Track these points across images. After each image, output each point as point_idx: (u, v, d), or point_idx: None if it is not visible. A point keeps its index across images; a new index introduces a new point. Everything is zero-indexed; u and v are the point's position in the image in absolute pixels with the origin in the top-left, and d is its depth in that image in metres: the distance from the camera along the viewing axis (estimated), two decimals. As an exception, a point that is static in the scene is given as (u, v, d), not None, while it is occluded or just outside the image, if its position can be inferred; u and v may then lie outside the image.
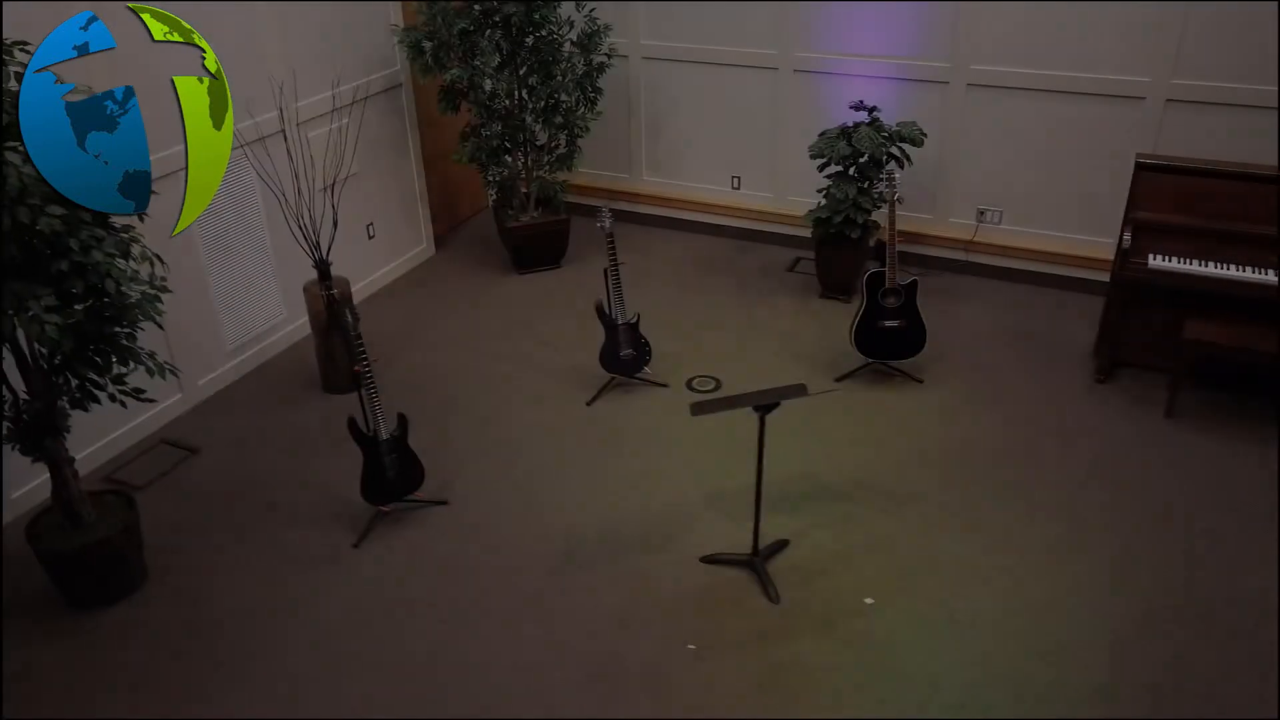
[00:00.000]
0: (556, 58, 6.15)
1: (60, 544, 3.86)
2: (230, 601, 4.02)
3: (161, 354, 4.94)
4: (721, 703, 3.52)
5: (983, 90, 6.02)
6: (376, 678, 3.65)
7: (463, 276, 6.69)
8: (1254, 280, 4.76)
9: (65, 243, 3.21)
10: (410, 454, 4.38)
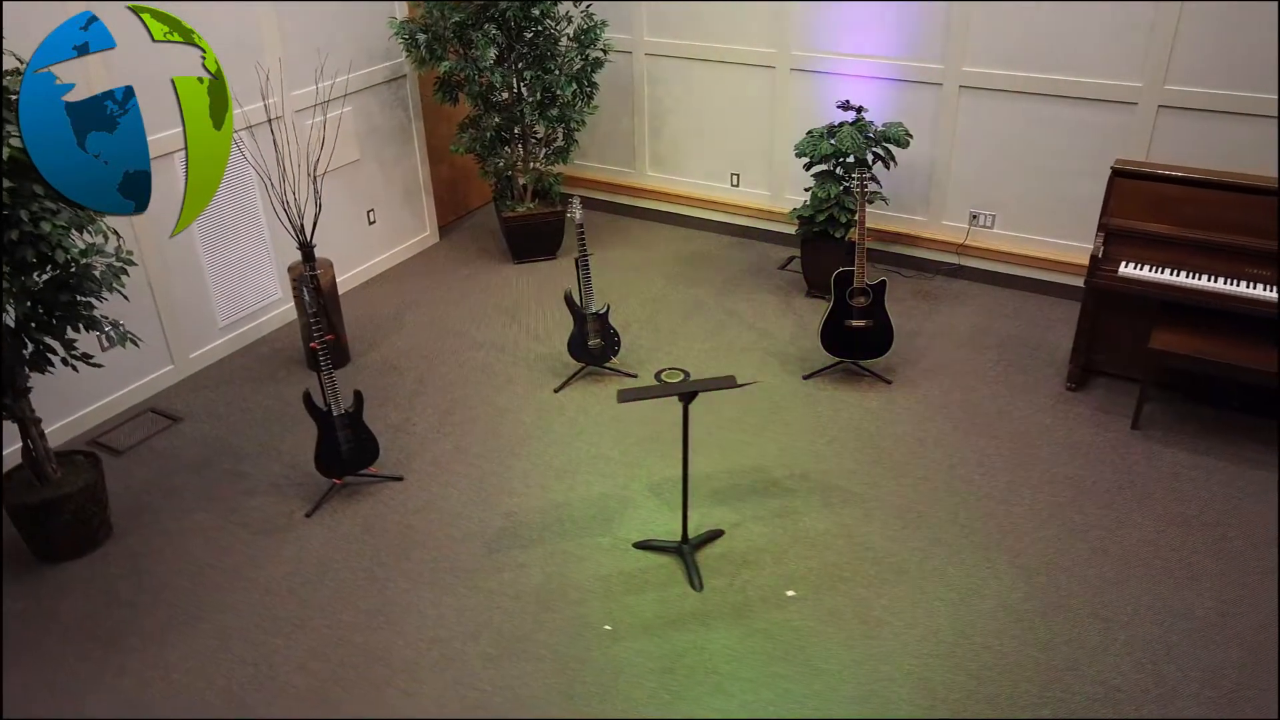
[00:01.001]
0: (553, 52, 6.28)
1: (26, 498, 4.11)
2: (184, 561, 4.24)
3: (154, 326, 5.26)
4: (624, 683, 3.61)
5: (975, 92, 5.98)
6: (305, 638, 3.83)
7: (461, 265, 6.87)
8: (1225, 291, 4.66)
9: (16, 215, 3.41)
10: (365, 430, 4.55)
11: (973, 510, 4.42)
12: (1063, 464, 4.69)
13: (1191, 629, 3.77)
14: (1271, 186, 4.62)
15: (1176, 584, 3.98)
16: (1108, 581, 4.01)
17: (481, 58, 5.96)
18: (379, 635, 3.84)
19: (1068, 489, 4.53)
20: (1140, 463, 4.68)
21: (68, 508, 4.17)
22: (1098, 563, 4.10)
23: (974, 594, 3.97)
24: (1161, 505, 4.41)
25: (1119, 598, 3.92)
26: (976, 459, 4.75)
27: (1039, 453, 4.78)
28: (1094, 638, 3.75)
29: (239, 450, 4.95)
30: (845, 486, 4.58)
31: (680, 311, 6.15)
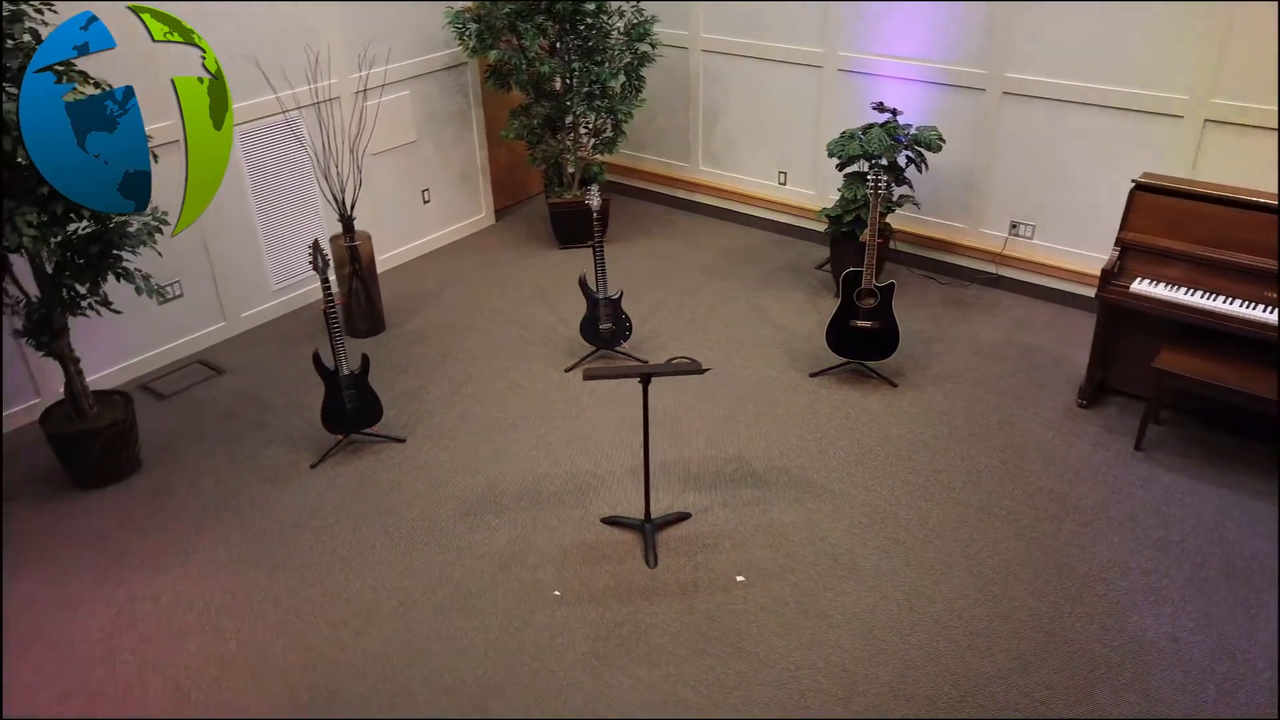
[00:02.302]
0: (603, 46, 6.48)
1: (63, 429, 4.58)
2: (195, 498, 4.64)
3: (209, 286, 5.73)
4: (559, 645, 3.79)
5: (1018, 99, 5.87)
6: (282, 576, 4.15)
7: (509, 247, 7.16)
8: (1236, 314, 4.48)
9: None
10: (370, 392, 4.86)
11: (945, 516, 4.40)
12: (1052, 479, 4.61)
13: (1137, 653, 3.69)
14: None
15: (1136, 607, 3.89)
16: (1065, 597, 3.95)
17: (530, 48, 6.20)
18: (347, 579, 4.13)
19: (1050, 504, 4.45)
20: (1133, 484, 4.56)
21: (98, 441, 4.62)
22: (1059, 578, 4.04)
23: (923, 597, 3.97)
24: (1144, 528, 4.29)
25: (1072, 614, 3.86)
26: (964, 466, 4.72)
27: (1030, 466, 4.70)
28: (1033, 651, 3.71)
29: (266, 403, 5.35)
30: (822, 483, 4.63)
31: (707, 303, 6.27)
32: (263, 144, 5.81)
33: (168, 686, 3.64)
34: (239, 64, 5.54)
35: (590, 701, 3.54)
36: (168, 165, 5.11)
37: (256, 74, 5.64)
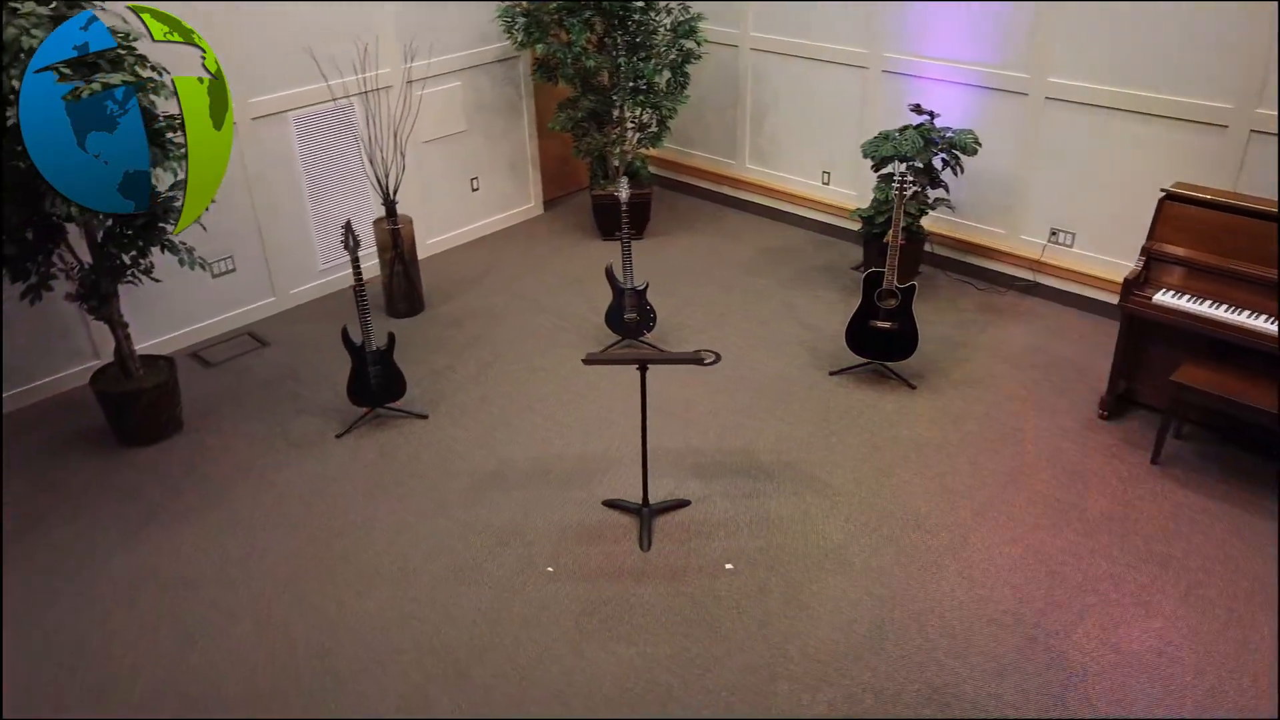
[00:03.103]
0: (649, 42, 6.59)
1: (110, 388, 4.91)
2: (227, 459, 4.92)
3: (260, 263, 6.03)
4: (545, 617, 3.93)
5: (1061, 105, 5.79)
6: (296, 536, 4.39)
7: (553, 237, 7.33)
8: (1259, 329, 4.37)
9: (97, 147, 4.12)
10: (395, 368, 5.08)
11: (942, 518, 4.41)
12: (1060, 488, 4.57)
13: (1118, 664, 3.65)
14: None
15: (1125, 619, 3.85)
16: (1052, 604, 3.93)
17: (576, 42, 6.36)
18: (356, 543, 4.34)
19: (1053, 513, 4.42)
20: (1143, 498, 4.49)
21: (142, 401, 4.93)
22: (1050, 586, 4.01)
23: (907, 596, 4.00)
24: (1147, 543, 4.23)
25: (1056, 621, 3.84)
26: (970, 470, 4.71)
27: (1039, 474, 4.67)
28: (1010, 655, 3.71)
29: (303, 375, 5.62)
30: (824, 479, 4.67)
31: (739, 299, 6.34)
32: (315, 130, 6.08)
33: (177, 631, 3.89)
34: (295, 54, 5.82)
35: (566, 673, 3.68)
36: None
37: (311, 63, 5.90)
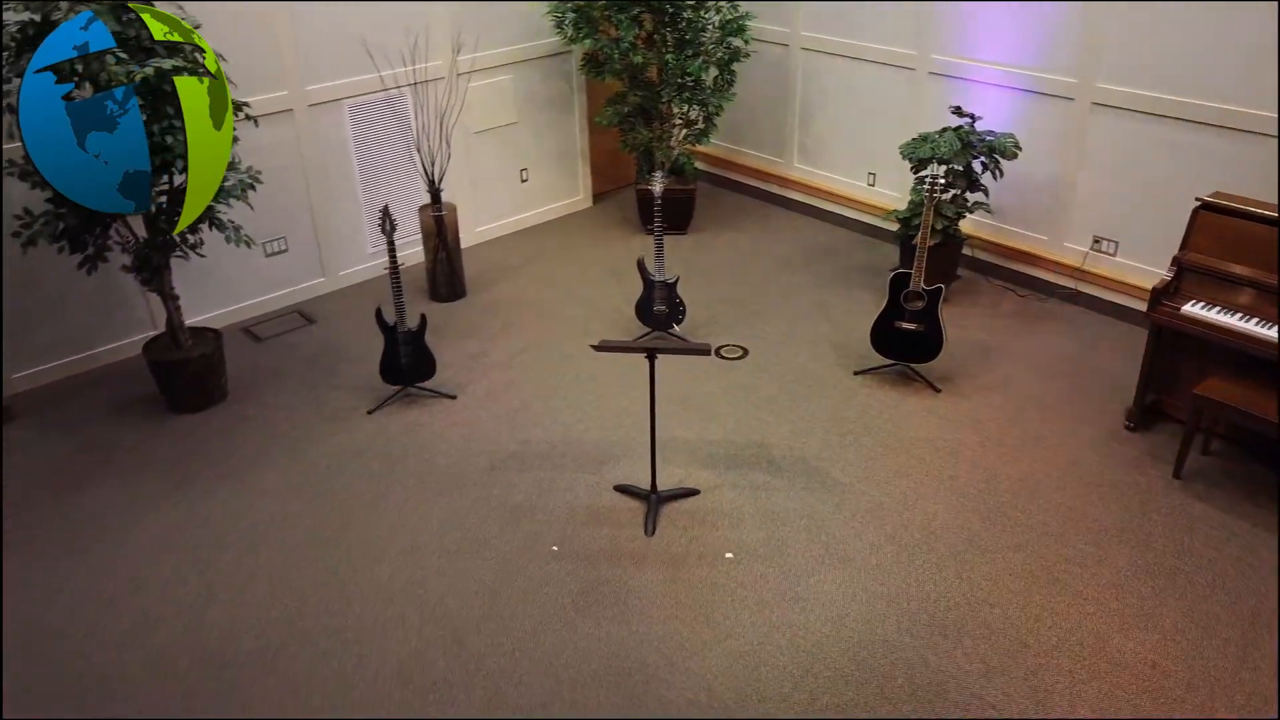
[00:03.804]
0: (698, 39, 6.67)
1: (160, 356, 5.19)
2: (263, 429, 5.17)
3: (312, 244, 6.29)
4: (545, 593, 4.05)
5: (1108, 111, 5.70)
6: (319, 505, 4.59)
7: (598, 230, 7.46)
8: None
9: (150, 128, 4.37)
10: (425, 349, 5.26)
11: (948, 520, 4.40)
12: (1074, 498, 4.52)
13: (1109, 672, 3.62)
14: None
15: (1122, 629, 3.81)
16: (1049, 611, 3.91)
17: (624, 38, 6.47)
18: (374, 514, 4.53)
19: (1063, 520, 4.38)
20: (1160, 510, 4.42)
21: (189, 370, 5.21)
22: (1050, 592, 3.99)
23: (903, 594, 4.02)
24: (1156, 555, 4.17)
25: (1051, 628, 3.82)
26: (984, 475, 4.69)
27: (1055, 482, 4.62)
28: (999, 658, 3.70)
29: (344, 353, 5.85)
30: (834, 475, 4.70)
31: (774, 296, 6.38)
32: (368, 118, 6.31)
33: (200, 588, 4.12)
34: (351, 44, 6.05)
35: (557, 647, 3.79)
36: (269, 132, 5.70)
37: (366, 53, 6.13)
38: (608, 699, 3.57)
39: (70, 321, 5.58)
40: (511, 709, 3.54)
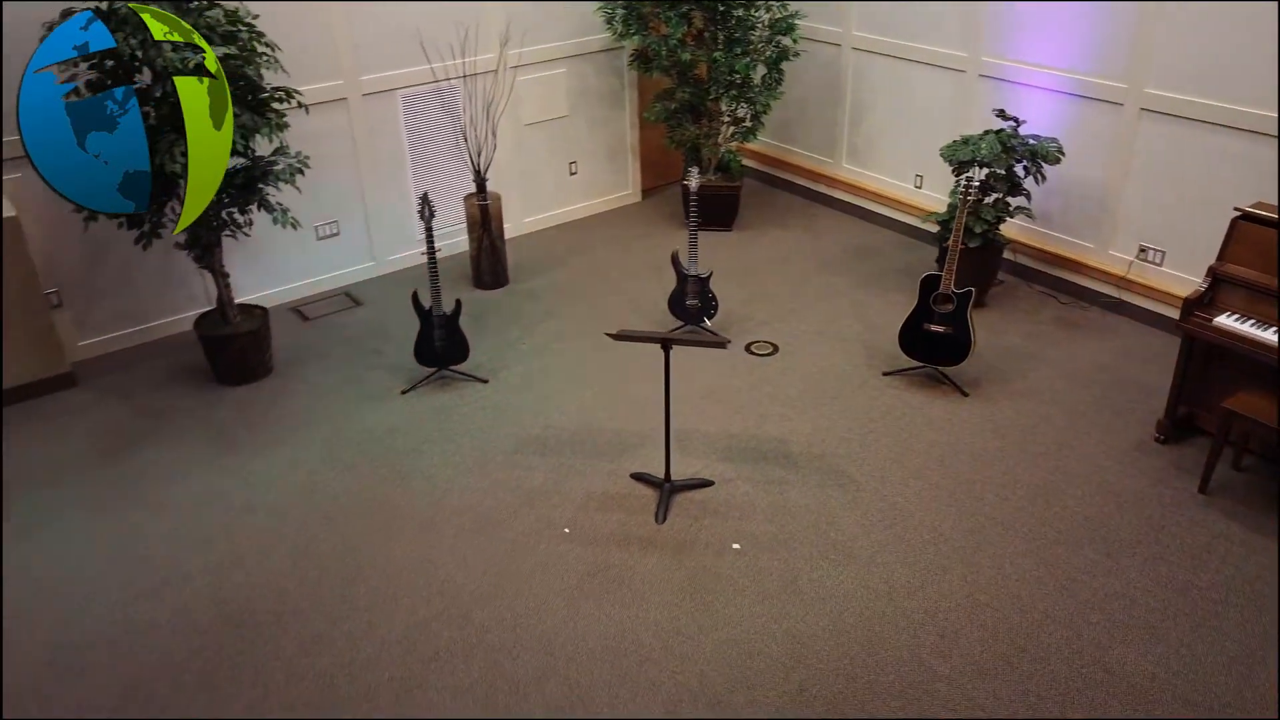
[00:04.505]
0: (747, 38, 6.71)
1: (209, 331, 5.45)
2: (303, 403, 5.39)
3: (362, 229, 6.52)
4: (552, 573, 4.17)
5: (1157, 117, 5.58)
6: (347, 479, 4.78)
7: (644, 224, 7.56)
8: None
9: (201, 112, 4.61)
10: (459, 333, 5.42)
11: (961, 525, 4.39)
12: (1092, 507, 4.47)
13: (1106, 682, 3.59)
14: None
15: (1125, 640, 3.76)
16: (1051, 618, 3.88)
17: (673, 35, 6.55)
18: (397, 489, 4.70)
19: (1078, 530, 4.33)
20: (1180, 525, 4.34)
21: (236, 345, 5.46)
22: (1055, 599, 3.96)
23: (905, 594, 4.03)
24: (1170, 569, 4.10)
25: (1052, 635, 3.80)
26: (1002, 480, 4.66)
27: (1073, 491, 4.57)
28: (995, 662, 3.70)
29: (385, 334, 6.05)
30: (850, 474, 4.72)
31: (810, 294, 6.40)
32: (420, 108, 6.51)
33: (228, 551, 4.34)
34: (406, 36, 6.25)
35: (558, 625, 3.90)
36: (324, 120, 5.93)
37: (420, 45, 6.32)
38: (600, 677, 3.67)
39: (134, 295, 5.89)
40: (507, 681, 3.66)
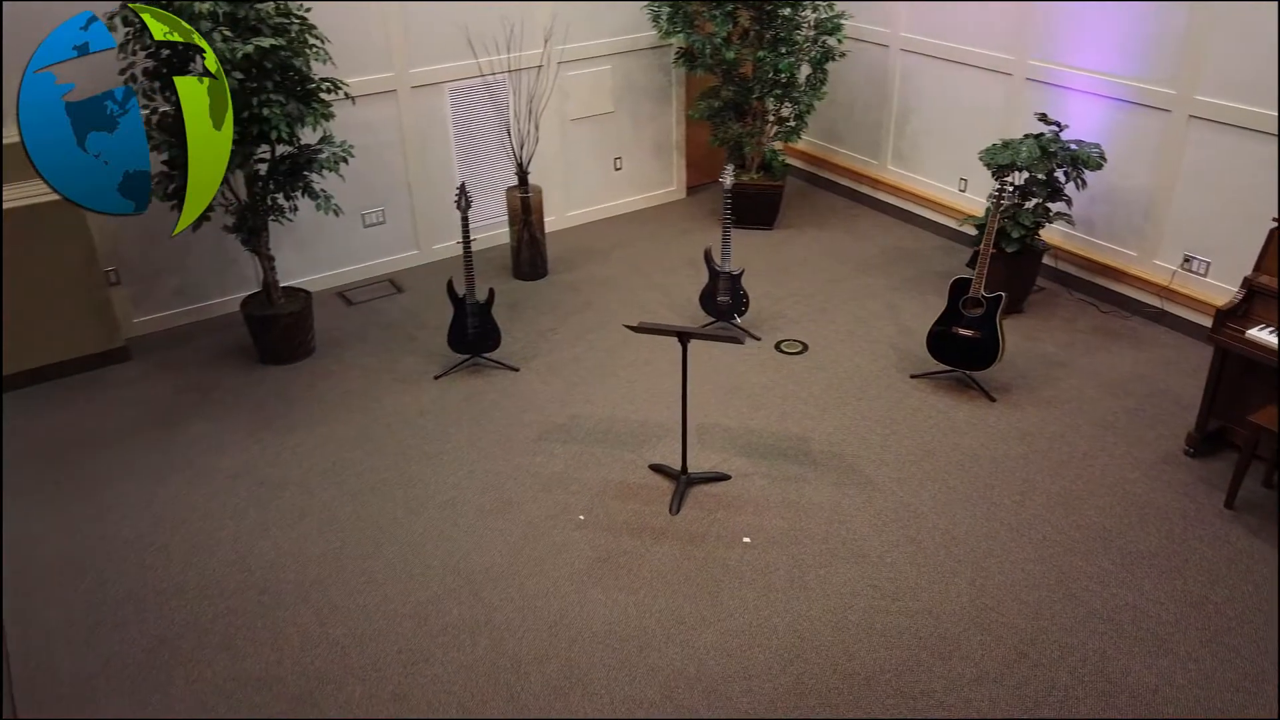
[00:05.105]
0: (792, 37, 6.72)
1: (254, 311, 5.66)
2: (340, 384, 5.57)
3: (408, 218, 6.70)
4: (564, 557, 4.26)
5: (1206, 125, 5.47)
6: (375, 458, 4.93)
7: (686, 220, 7.61)
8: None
9: (248, 101, 4.80)
10: (492, 321, 5.55)
11: (974, 529, 4.38)
12: (1111, 517, 4.41)
13: (1107, 692, 3.56)
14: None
15: (1131, 652, 3.72)
16: (1057, 626, 3.85)
17: (718, 34, 6.60)
18: (421, 469, 4.84)
19: (1094, 539, 4.29)
20: (1200, 540, 4.27)
21: (278, 326, 5.66)
22: (1063, 608, 3.93)
23: (910, 594, 4.04)
24: (1187, 583, 4.04)
25: (1056, 643, 3.78)
26: (1021, 487, 4.62)
27: (1093, 501, 4.52)
28: (995, 666, 3.69)
29: (423, 321, 6.21)
30: (868, 474, 4.73)
31: (844, 295, 6.40)
32: (467, 102, 6.66)
33: (258, 520, 4.52)
34: (454, 31, 6.40)
35: (565, 607, 4.00)
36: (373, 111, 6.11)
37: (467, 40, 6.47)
38: (600, 659, 3.75)
39: (188, 275, 6.14)
40: (510, 659, 3.76)
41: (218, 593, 4.11)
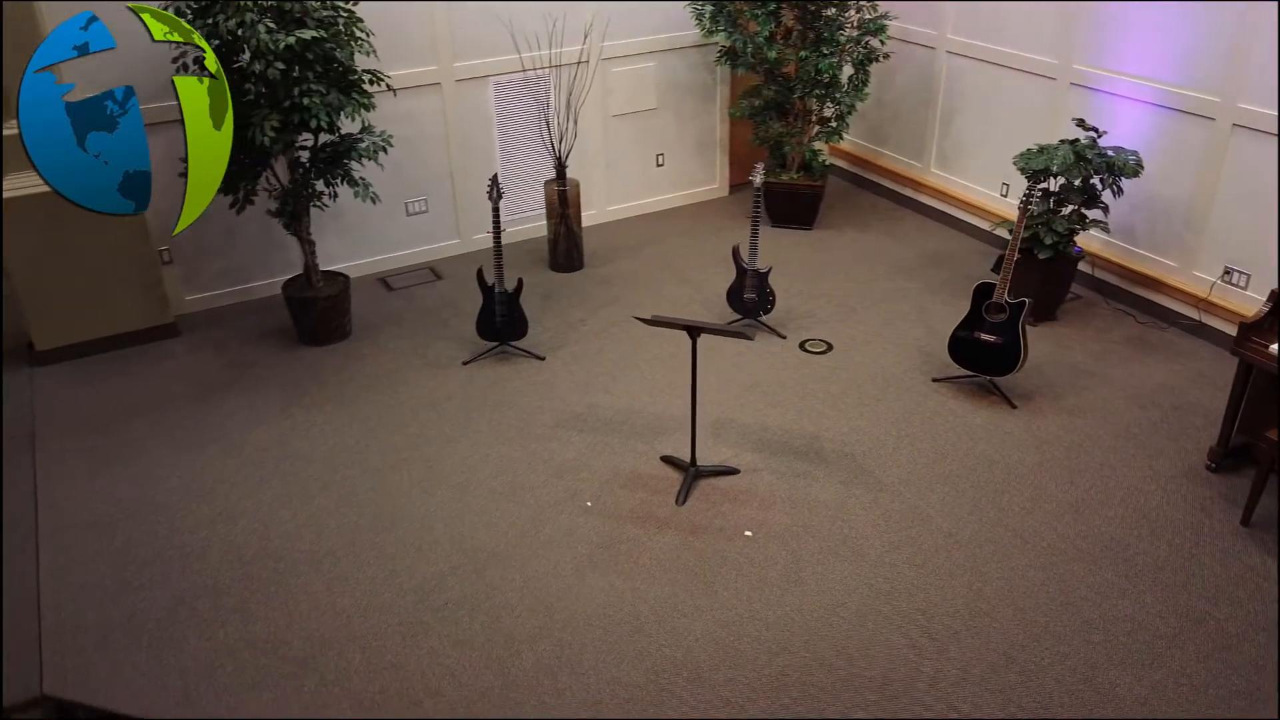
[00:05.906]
0: (835, 38, 6.72)
1: (294, 293, 5.89)
2: (370, 367, 5.76)
3: (449, 208, 6.88)
4: (569, 541, 4.37)
5: (1250, 134, 5.35)
6: (398, 439, 5.10)
7: (725, 218, 7.66)
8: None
9: (290, 90, 5.00)
10: (519, 310, 5.68)
11: (978, 533, 4.36)
12: (1121, 529, 4.36)
13: (1093, 701, 3.54)
14: None
15: (1123, 663, 3.69)
16: (1050, 634, 3.83)
17: (760, 33, 6.64)
18: (439, 451, 4.99)
19: (1100, 550, 4.24)
20: (1211, 555, 4.20)
21: (316, 308, 5.88)
22: (1059, 616, 3.91)
23: (904, 594, 4.05)
24: (1190, 598, 3.98)
25: (1048, 650, 3.76)
26: (1032, 494, 4.59)
27: (1105, 511, 4.47)
28: (982, 669, 3.69)
29: (457, 307, 6.38)
30: (877, 475, 4.74)
31: (876, 296, 6.39)
32: (510, 95, 6.81)
33: (280, 492, 4.72)
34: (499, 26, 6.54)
35: (562, 590, 4.10)
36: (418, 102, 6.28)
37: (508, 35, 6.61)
38: (591, 641, 3.85)
39: (236, 257, 6.40)
40: (505, 636, 3.88)
41: (237, 558, 4.31)
